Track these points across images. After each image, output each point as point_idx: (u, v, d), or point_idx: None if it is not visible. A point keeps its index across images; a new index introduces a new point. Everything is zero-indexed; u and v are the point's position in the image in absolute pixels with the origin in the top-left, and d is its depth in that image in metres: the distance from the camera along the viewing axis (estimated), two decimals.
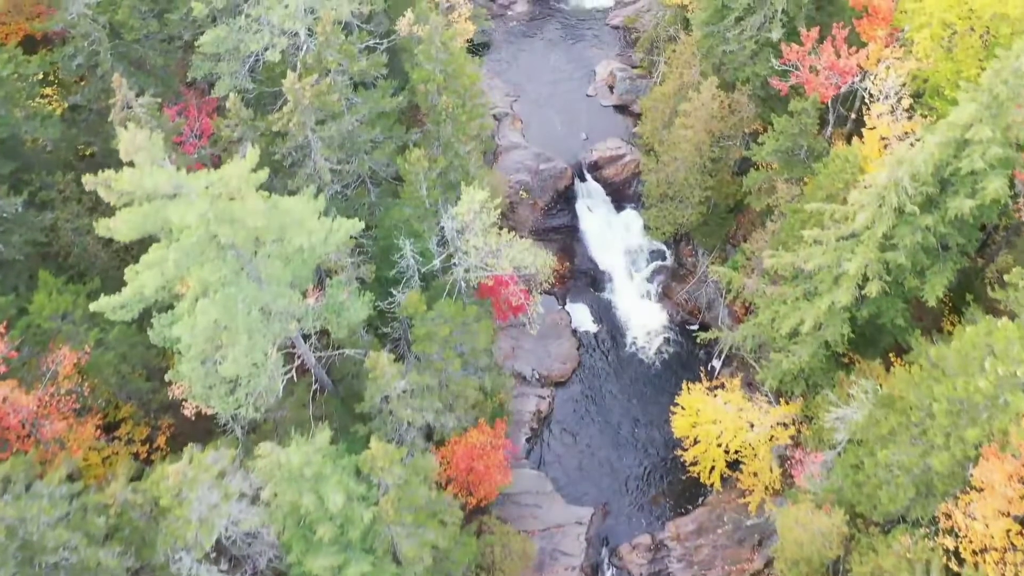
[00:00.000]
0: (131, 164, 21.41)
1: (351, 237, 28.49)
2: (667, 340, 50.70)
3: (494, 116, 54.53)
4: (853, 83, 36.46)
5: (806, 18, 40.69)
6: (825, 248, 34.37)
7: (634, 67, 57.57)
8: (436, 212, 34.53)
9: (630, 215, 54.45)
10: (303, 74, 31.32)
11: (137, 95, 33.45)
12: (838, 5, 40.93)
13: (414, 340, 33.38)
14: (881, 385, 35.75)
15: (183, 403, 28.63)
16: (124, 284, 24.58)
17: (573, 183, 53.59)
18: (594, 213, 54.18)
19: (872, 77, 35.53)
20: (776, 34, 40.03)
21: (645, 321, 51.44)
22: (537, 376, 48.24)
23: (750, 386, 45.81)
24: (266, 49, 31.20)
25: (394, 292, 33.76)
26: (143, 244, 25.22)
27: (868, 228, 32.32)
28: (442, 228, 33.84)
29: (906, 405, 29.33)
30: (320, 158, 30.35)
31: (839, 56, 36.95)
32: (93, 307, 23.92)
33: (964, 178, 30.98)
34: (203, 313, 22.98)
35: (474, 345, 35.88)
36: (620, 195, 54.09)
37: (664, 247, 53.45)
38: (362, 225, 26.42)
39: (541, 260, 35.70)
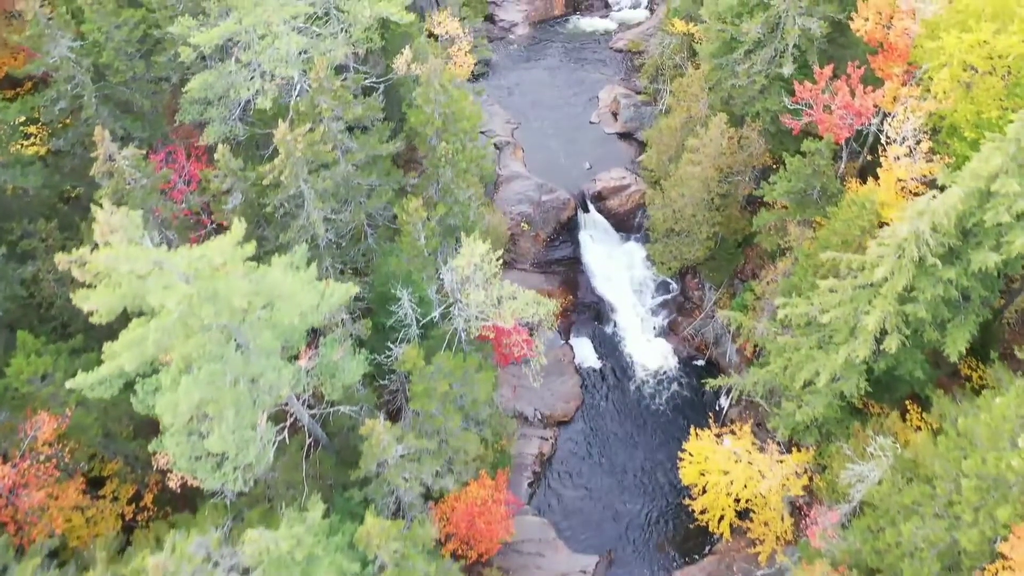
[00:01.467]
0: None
1: None
2: (673, 377, 49.25)
3: (495, 145, 53.16)
4: (870, 126, 34.99)
5: (818, 52, 39.34)
6: (841, 298, 32.97)
7: (638, 93, 56.17)
8: (435, 260, 33.09)
9: (634, 246, 53.08)
10: (296, 122, 29.89)
11: (122, 139, 32.11)
12: (851, 38, 39.52)
13: (412, 396, 31.92)
14: (898, 440, 34.43)
15: (168, 473, 27.15)
16: (110, 337, 23.23)
17: (576, 214, 52.17)
18: (597, 244, 52.76)
19: (890, 120, 34.08)
20: (787, 69, 38.66)
21: (650, 357, 49.99)
22: (540, 416, 46.78)
23: (760, 427, 44.46)
24: (257, 95, 29.73)
25: (391, 346, 32.28)
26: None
27: (887, 280, 30.93)
28: (441, 277, 32.38)
29: (929, 473, 27.88)
30: (314, 210, 28.89)
31: (854, 96, 35.52)
32: (70, 384, 22.45)
33: (988, 230, 29.61)
34: (186, 393, 21.52)
35: (475, 397, 34.44)
36: (624, 226, 52.68)
37: (670, 280, 52.02)
38: (356, 290, 24.98)
39: (545, 310, 34.20)
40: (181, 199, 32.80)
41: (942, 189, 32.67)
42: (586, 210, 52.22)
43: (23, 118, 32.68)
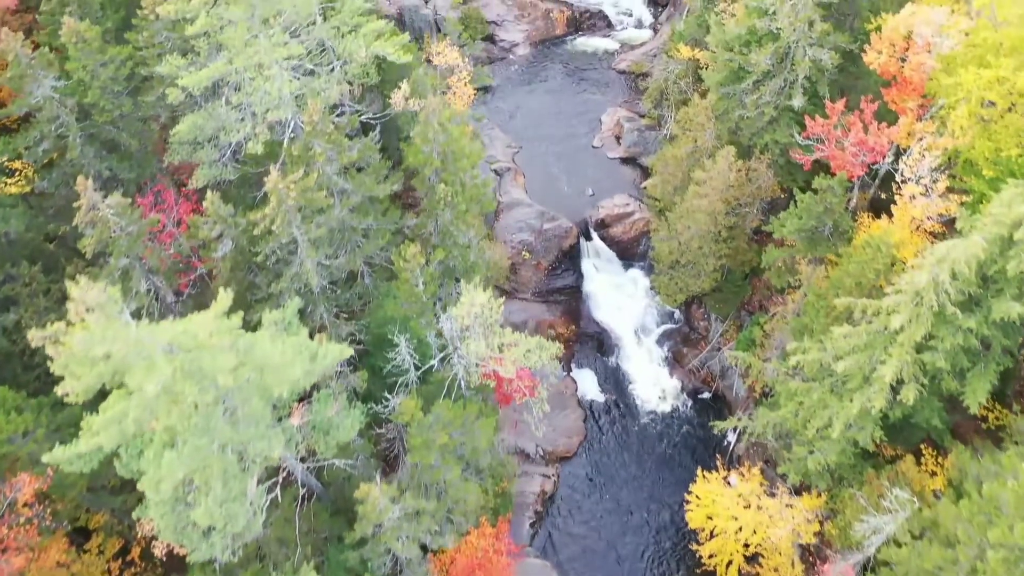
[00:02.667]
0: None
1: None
2: (678, 410, 48.03)
3: (495, 171, 51.97)
4: (884, 164, 33.77)
5: (829, 83, 38.11)
6: (855, 343, 31.73)
7: (642, 116, 54.93)
8: (434, 305, 31.85)
9: (638, 274, 51.89)
10: (288, 165, 28.66)
11: (108, 180, 30.90)
12: (863, 68, 38.27)
13: (410, 449, 30.67)
14: (914, 492, 33.20)
15: (154, 540, 25.89)
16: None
17: (578, 242, 50.95)
18: (600, 273, 51.56)
19: (905, 157, 32.86)
20: (797, 102, 37.43)
21: (655, 389, 48.77)
22: (541, 453, 45.54)
23: (768, 463, 43.26)
24: (248, 138, 28.49)
25: (388, 396, 31.05)
26: None
27: (904, 329, 29.70)
28: (440, 324, 31.15)
29: (951, 537, 26.64)
30: (307, 258, 27.64)
31: (868, 131, 34.29)
32: (46, 459, 21.19)
33: (1011, 279, 28.37)
34: (170, 469, 20.28)
35: (475, 445, 33.21)
36: (628, 253, 51.48)
37: (674, 309, 50.77)
38: (351, 352, 23.71)
39: (548, 354, 32.95)
40: (170, 241, 31.58)
41: (958, 230, 31.50)
42: (588, 238, 51.01)
43: (4, 157, 31.44)
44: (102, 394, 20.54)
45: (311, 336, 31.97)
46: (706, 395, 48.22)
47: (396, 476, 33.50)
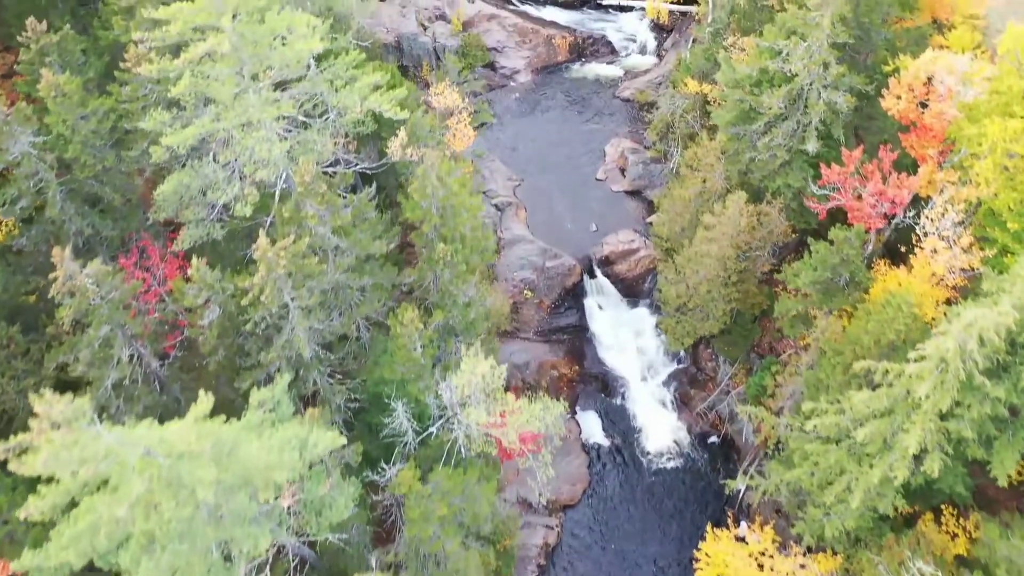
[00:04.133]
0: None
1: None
2: (686, 456, 46.45)
3: (496, 206, 50.46)
4: (905, 218, 32.25)
5: (844, 124, 36.61)
6: (876, 407, 30.20)
7: (647, 147, 53.39)
8: (433, 366, 30.34)
9: (643, 312, 50.30)
10: (279, 226, 27.13)
11: (89, 239, 29.38)
12: (878, 108, 36.74)
13: (408, 522, 29.15)
14: (936, 557, 31.70)
15: None
16: None
17: (582, 279, 49.41)
18: (605, 311, 50.01)
19: (928, 212, 31.36)
20: (812, 146, 35.91)
21: (661, 433, 47.18)
22: (544, 502, 43.93)
23: (779, 513, 41.75)
24: (236, 200, 26.96)
25: (385, 465, 29.55)
26: None
27: (928, 398, 28.17)
28: (440, 391, 29.64)
29: None
30: (299, 328, 26.11)
31: (887, 180, 32.80)
32: (15, 566, 19.62)
33: None
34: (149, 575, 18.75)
35: (477, 511, 31.71)
36: (633, 291, 49.93)
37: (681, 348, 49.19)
38: (343, 440, 22.17)
39: (552, 417, 31.45)
40: (155, 301, 30.05)
41: (984, 292, 30.02)
42: (592, 276, 49.48)
43: None
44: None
45: (303, 402, 30.65)
46: (714, 439, 46.68)
47: (393, 547, 31.99)
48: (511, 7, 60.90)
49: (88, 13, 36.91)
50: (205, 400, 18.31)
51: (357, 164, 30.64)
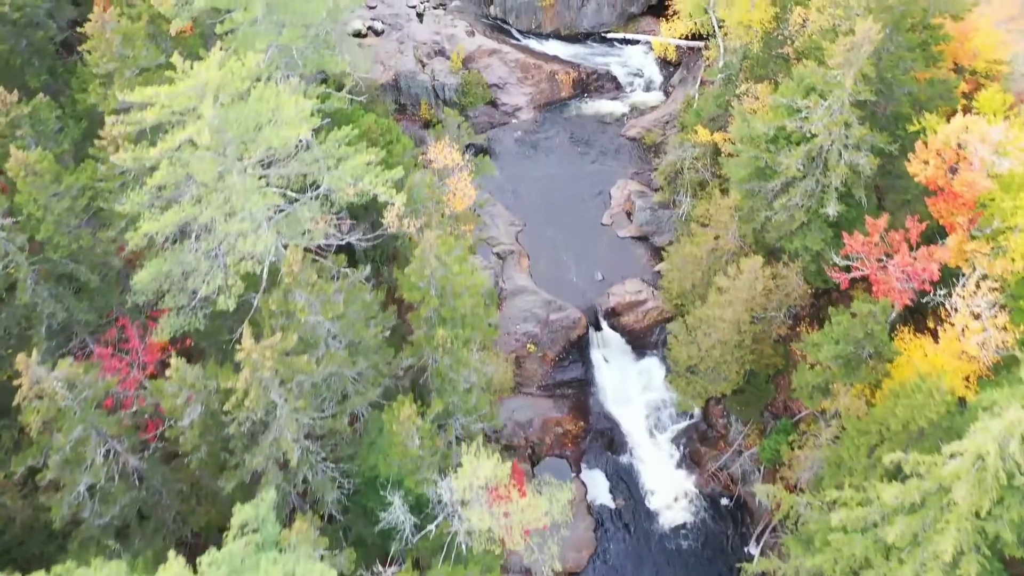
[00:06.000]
0: None
1: None
2: (697, 518, 44.45)
3: (497, 255, 48.51)
4: (935, 296, 30.30)
5: (865, 187, 34.67)
6: (906, 500, 28.23)
7: (654, 189, 51.41)
8: (432, 459, 28.36)
9: (651, 363, 48.28)
10: (265, 322, 25.15)
11: (63, 326, 27.39)
12: (901, 167, 34.79)
13: None
14: None
15: None
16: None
17: (587, 331, 47.43)
18: (611, 364, 47.99)
19: (959, 289, 29.41)
20: (832, 210, 33.96)
21: (671, 494, 45.18)
22: (549, 573, 41.87)
23: None
24: (219, 292, 25.00)
25: (381, 568, 27.54)
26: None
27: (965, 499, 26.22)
28: (439, 490, 27.70)
29: None
30: (287, 433, 24.13)
31: (914, 250, 30.83)
32: None
33: None
34: None
35: None
36: (640, 343, 47.93)
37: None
38: (335, 573, 20.17)
39: (559, 507, 29.54)
40: (134, 388, 28.06)
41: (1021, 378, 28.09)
42: (598, 328, 47.50)
43: None
44: None
45: (289, 514, 28.65)
46: (727, 501, 44.69)
47: None
48: (512, 42, 58.97)
49: (66, 69, 34.94)
50: (175, 563, 16.31)
51: (349, 237, 28.67)
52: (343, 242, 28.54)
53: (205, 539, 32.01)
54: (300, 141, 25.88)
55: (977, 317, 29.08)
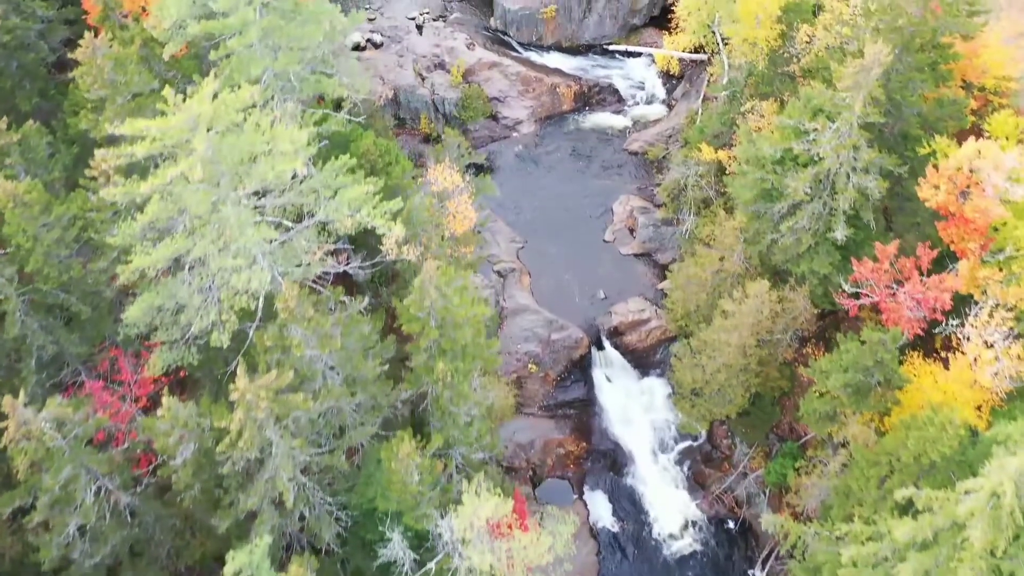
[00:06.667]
0: None
1: None
2: (702, 540, 43.76)
3: (498, 273, 47.83)
4: (947, 326, 29.62)
5: (874, 210, 33.99)
6: (917, 535, 27.54)
7: (657, 205, 50.73)
8: (431, 494, 27.66)
9: (655, 383, 47.58)
10: (260, 358, 24.46)
11: (53, 360, 26.71)
12: (910, 189, 34.14)
13: None
14: None
15: None
16: None
17: (589, 351, 46.74)
18: (614, 384, 47.30)
19: (972, 319, 28.72)
20: (840, 234, 33.29)
21: (675, 516, 44.47)
22: None
23: None
24: (212, 328, 24.32)
25: None
26: None
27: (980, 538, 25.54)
28: (439, 522, 27.00)
29: None
30: (282, 473, 23.44)
31: (924, 277, 30.16)
32: None
33: None
34: None
35: None
36: (644, 363, 47.24)
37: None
38: None
39: (562, 542, 28.83)
40: (127, 422, 27.38)
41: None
42: (601, 347, 46.81)
43: None
44: None
45: (286, 549, 27.97)
46: (731, 524, 43.99)
47: None
48: (513, 54, 58.27)
49: (59, 90, 34.25)
50: None
51: (347, 267, 27.99)
52: (340, 271, 27.83)
53: (200, 573, 31.38)
54: (295, 176, 25.19)
55: (990, 346, 28.38)
